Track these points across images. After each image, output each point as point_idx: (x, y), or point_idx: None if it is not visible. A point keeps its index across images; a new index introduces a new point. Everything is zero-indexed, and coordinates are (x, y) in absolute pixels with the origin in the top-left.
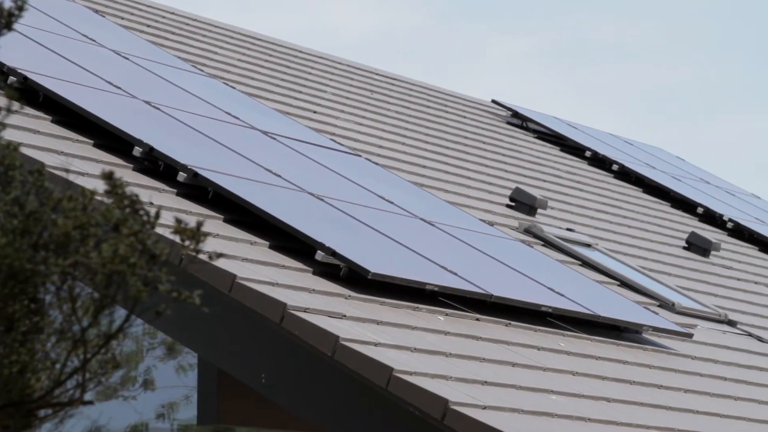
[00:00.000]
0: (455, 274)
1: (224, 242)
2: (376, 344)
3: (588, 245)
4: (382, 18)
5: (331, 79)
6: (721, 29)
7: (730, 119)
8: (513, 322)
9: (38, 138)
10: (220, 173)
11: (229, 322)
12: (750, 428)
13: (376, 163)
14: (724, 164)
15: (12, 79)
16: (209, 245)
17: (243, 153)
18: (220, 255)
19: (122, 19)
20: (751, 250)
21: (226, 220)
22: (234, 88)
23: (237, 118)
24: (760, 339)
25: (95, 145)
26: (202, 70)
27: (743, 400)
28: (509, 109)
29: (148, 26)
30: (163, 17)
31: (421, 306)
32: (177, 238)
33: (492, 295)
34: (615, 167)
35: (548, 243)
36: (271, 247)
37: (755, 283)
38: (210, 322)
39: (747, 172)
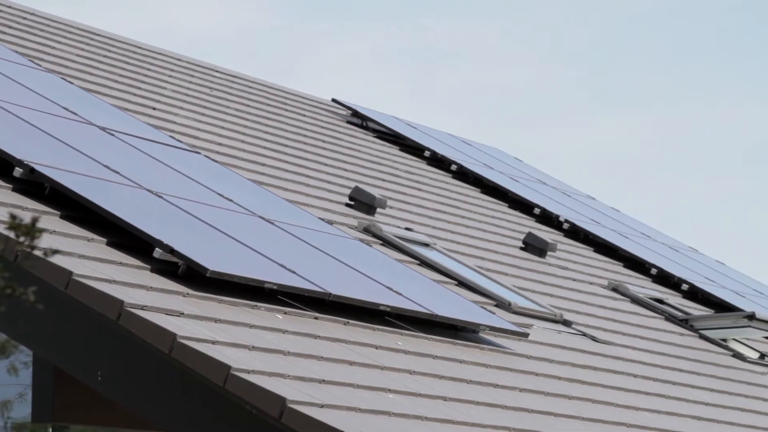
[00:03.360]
0: (294, 272)
1: (61, 239)
2: (213, 342)
3: (426, 245)
4: (226, 17)
5: (170, 76)
6: (565, 34)
7: (570, 123)
8: (351, 321)
9: None
10: (57, 169)
11: (64, 319)
12: (583, 427)
13: (215, 161)
14: (562, 167)
15: None
16: (45, 241)
17: (81, 149)
18: (55, 251)
19: None
20: (586, 251)
21: (62, 217)
22: (72, 83)
23: (75, 113)
24: (594, 339)
25: None
26: (40, 65)
27: (577, 399)
28: (349, 108)
29: None
30: (0, 11)
31: (259, 304)
32: (12, 234)
33: (330, 293)
34: (454, 167)
35: (387, 242)
36: (108, 244)
37: (590, 283)
38: (45, 319)
39: (586, 175)
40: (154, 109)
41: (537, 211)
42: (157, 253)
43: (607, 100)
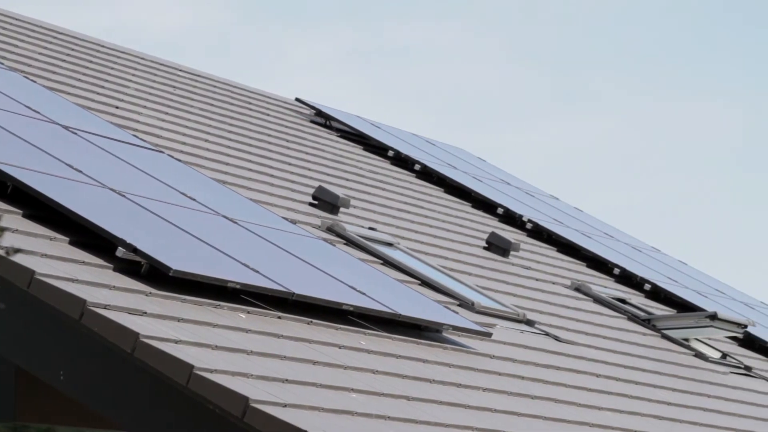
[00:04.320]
0: (257, 271)
1: (23, 237)
2: (176, 341)
3: (390, 244)
4: (189, 17)
5: (133, 75)
6: (530, 34)
7: (534, 123)
8: (314, 321)
9: None
10: (20, 168)
11: (27, 318)
12: (546, 426)
13: (179, 160)
14: (527, 167)
15: None
16: (7, 240)
17: (44, 148)
18: (17, 250)
19: None
20: (550, 251)
21: (25, 216)
22: (35, 82)
23: (38, 112)
24: (556, 338)
25: None
26: (2, 63)
27: (540, 399)
28: (313, 107)
29: None
30: None
31: (222, 303)
32: None
33: (294, 293)
34: (417, 167)
35: (350, 242)
36: (71, 243)
37: (553, 283)
38: (7, 317)
39: (550, 175)
40: (117, 108)
41: (500, 210)
42: (120, 252)
43: (571, 100)
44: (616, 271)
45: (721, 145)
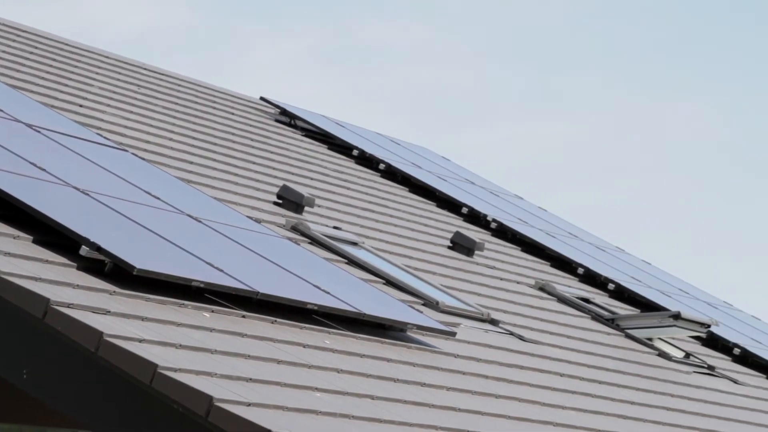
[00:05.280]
0: (222, 270)
1: None
2: (140, 340)
3: (354, 243)
4: (153, 15)
5: (97, 73)
6: (498, 34)
7: (502, 123)
8: (279, 320)
9: None
10: None
11: None
12: (510, 425)
13: (143, 158)
14: (493, 166)
15: None
16: None
17: (6, 146)
18: None
19: None
20: (514, 250)
21: None
22: None
23: (1, 110)
24: (521, 338)
25: None
26: None
27: (504, 398)
28: (277, 106)
29: None
30: None
31: (187, 302)
32: None
33: (258, 292)
34: (382, 166)
35: (315, 241)
36: (34, 241)
37: (517, 282)
38: None
39: (514, 175)
40: (81, 106)
41: (465, 210)
42: (84, 250)
43: (537, 100)
44: (580, 270)
45: (702, 145)
